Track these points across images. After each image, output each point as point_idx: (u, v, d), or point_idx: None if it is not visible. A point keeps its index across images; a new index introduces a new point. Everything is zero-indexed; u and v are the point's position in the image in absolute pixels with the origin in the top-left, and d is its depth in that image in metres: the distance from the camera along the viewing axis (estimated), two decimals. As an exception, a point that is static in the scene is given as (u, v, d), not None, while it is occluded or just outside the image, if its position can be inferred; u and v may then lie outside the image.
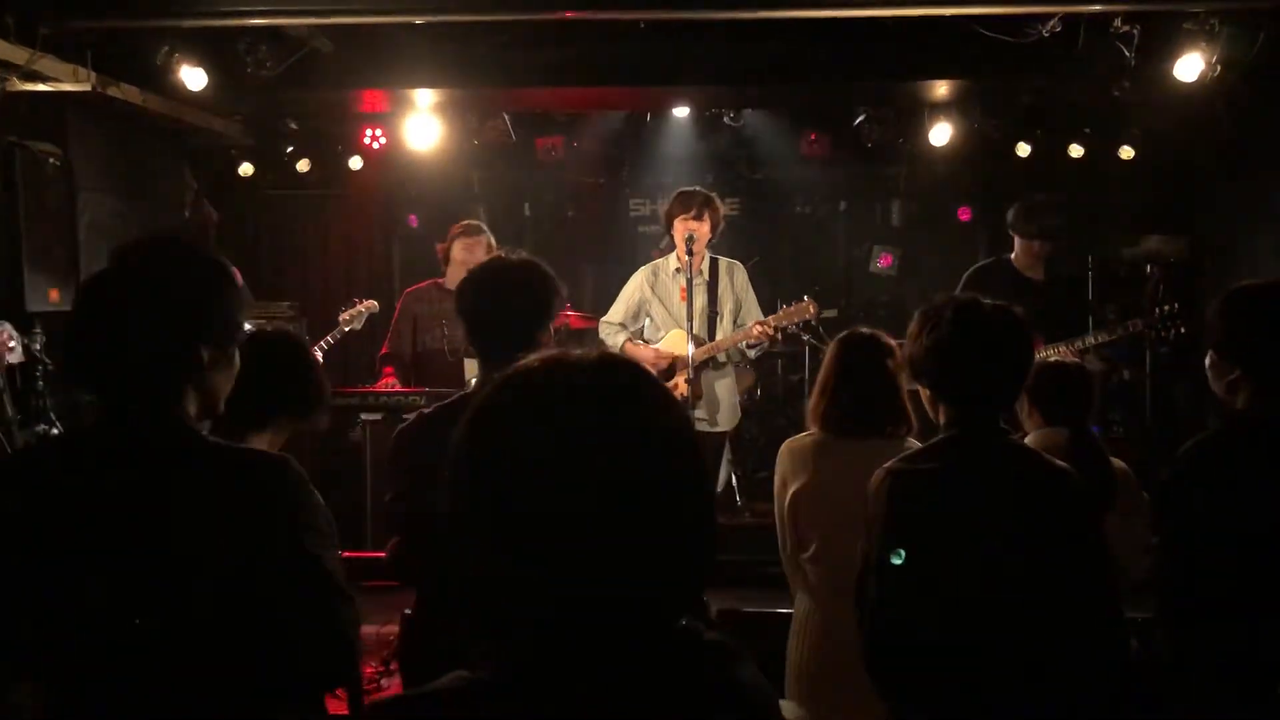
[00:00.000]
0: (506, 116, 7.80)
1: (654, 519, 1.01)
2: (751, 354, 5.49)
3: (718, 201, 5.36)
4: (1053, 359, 4.18)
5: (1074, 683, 2.22)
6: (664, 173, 8.48)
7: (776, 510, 3.21)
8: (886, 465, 2.34)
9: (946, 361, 2.33)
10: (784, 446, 3.24)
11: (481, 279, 2.78)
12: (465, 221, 5.71)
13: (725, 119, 8.04)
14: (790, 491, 3.10)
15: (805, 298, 5.31)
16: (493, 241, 5.59)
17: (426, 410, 2.79)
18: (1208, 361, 2.59)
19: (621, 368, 1.09)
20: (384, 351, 5.75)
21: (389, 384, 5.64)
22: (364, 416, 5.43)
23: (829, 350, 3.22)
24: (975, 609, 2.19)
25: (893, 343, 3.14)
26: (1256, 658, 2.31)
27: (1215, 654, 2.37)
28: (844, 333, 3.27)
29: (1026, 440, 3.15)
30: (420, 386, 5.58)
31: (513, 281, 2.75)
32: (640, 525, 1.00)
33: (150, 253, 1.84)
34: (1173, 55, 5.69)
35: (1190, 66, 5.64)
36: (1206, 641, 2.38)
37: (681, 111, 7.97)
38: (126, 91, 6.03)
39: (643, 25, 5.88)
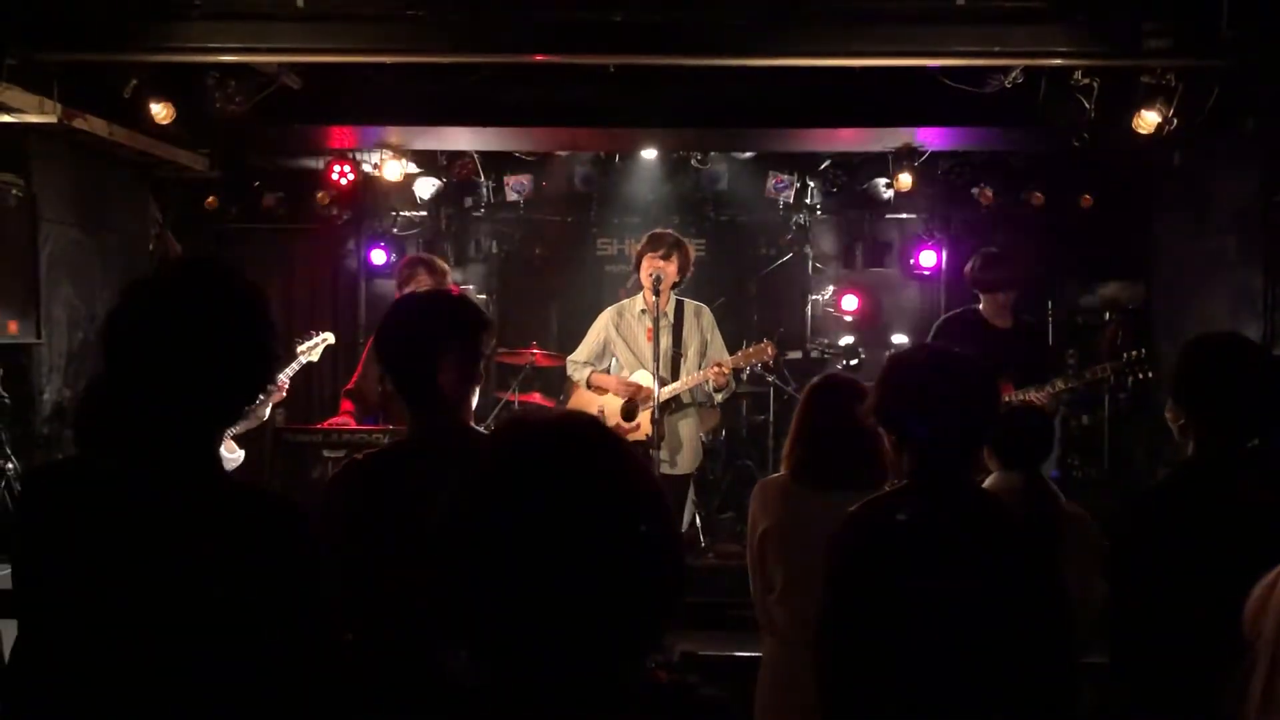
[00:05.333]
0: (475, 155, 7.84)
1: (618, 570, 1.12)
2: (718, 398, 5.50)
3: (689, 246, 5.39)
4: (1015, 404, 4.22)
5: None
6: (631, 213, 8.55)
7: (748, 550, 3.19)
8: (849, 510, 2.35)
9: (913, 408, 2.33)
10: (757, 486, 3.22)
11: (391, 324, 2.46)
12: (418, 254, 5.54)
13: (692, 161, 8.14)
14: (759, 532, 3.09)
15: (764, 340, 5.34)
16: (449, 276, 5.35)
17: (357, 457, 2.47)
18: (1167, 407, 2.66)
19: (581, 440, 1.19)
20: (348, 386, 5.70)
21: (343, 420, 5.54)
22: (326, 454, 5.35)
23: (802, 396, 3.19)
24: (932, 656, 2.20)
25: (867, 388, 3.13)
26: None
27: (1169, 701, 2.39)
28: (817, 378, 3.21)
29: (985, 484, 3.18)
30: (387, 425, 5.50)
31: (423, 319, 2.43)
32: (607, 577, 1.12)
33: (207, 287, 1.76)
34: (1131, 108, 5.82)
35: (1148, 119, 5.77)
36: (1160, 689, 2.40)
37: (649, 153, 8.07)
38: (92, 124, 5.98)
39: (611, 69, 5.94)
